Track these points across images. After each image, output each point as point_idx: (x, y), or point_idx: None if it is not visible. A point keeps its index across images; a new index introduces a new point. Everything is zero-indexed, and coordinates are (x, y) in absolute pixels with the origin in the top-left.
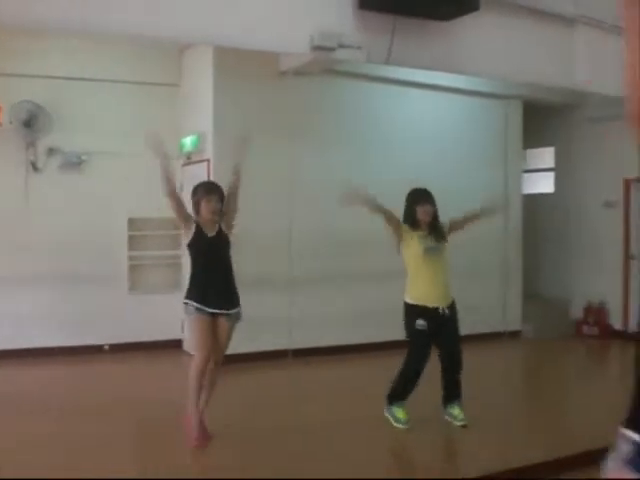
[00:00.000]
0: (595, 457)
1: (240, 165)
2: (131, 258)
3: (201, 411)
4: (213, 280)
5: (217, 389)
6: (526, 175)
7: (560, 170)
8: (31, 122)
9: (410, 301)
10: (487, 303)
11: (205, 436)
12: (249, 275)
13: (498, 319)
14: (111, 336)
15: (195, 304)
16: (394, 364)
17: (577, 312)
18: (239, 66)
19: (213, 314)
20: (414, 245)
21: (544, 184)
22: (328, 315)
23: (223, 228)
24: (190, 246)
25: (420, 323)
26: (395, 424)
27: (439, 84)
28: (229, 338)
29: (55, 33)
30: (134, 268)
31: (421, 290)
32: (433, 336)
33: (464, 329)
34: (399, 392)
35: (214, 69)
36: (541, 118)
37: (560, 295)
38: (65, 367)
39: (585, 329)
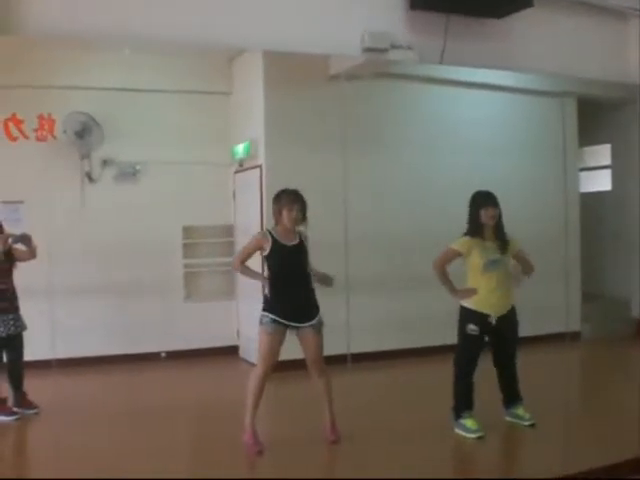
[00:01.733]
0: None
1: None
2: (186, 266)
3: (330, 420)
4: (293, 292)
5: (272, 397)
6: (583, 173)
7: (617, 167)
8: (84, 133)
9: (465, 304)
10: (547, 304)
11: (333, 434)
12: None
13: (558, 320)
14: (167, 344)
15: (271, 316)
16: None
17: (638, 311)
18: (289, 72)
19: (290, 327)
20: (475, 257)
21: (601, 182)
22: (387, 319)
23: (303, 239)
24: (268, 257)
25: (472, 328)
26: (467, 435)
27: (492, 83)
28: (320, 346)
29: (106, 45)
30: (189, 276)
31: (477, 296)
32: (483, 341)
33: (527, 331)
34: (463, 401)
35: (264, 75)
36: (596, 115)
37: (620, 294)
38: (122, 375)
39: None
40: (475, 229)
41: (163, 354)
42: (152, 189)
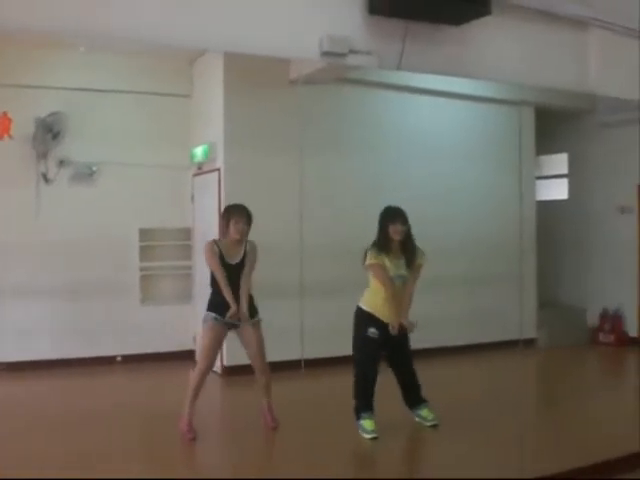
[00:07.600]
0: (612, 467)
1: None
2: (142, 269)
3: (267, 407)
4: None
5: (215, 400)
6: (539, 181)
7: (574, 176)
8: (50, 133)
9: (365, 307)
10: (501, 310)
11: (273, 421)
12: (260, 284)
13: (512, 327)
14: (123, 347)
15: (213, 314)
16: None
17: (593, 319)
18: (249, 75)
19: (232, 325)
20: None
21: (558, 190)
22: (342, 324)
23: (247, 251)
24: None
25: (372, 331)
26: (364, 435)
27: (450, 91)
28: (261, 343)
29: (63, 43)
30: (146, 279)
31: (379, 304)
32: (382, 347)
33: (479, 337)
34: (363, 403)
35: (224, 78)
36: (554, 124)
37: (576, 302)
38: (76, 379)
39: (601, 336)
40: (384, 243)
41: (119, 358)
42: (109, 191)
